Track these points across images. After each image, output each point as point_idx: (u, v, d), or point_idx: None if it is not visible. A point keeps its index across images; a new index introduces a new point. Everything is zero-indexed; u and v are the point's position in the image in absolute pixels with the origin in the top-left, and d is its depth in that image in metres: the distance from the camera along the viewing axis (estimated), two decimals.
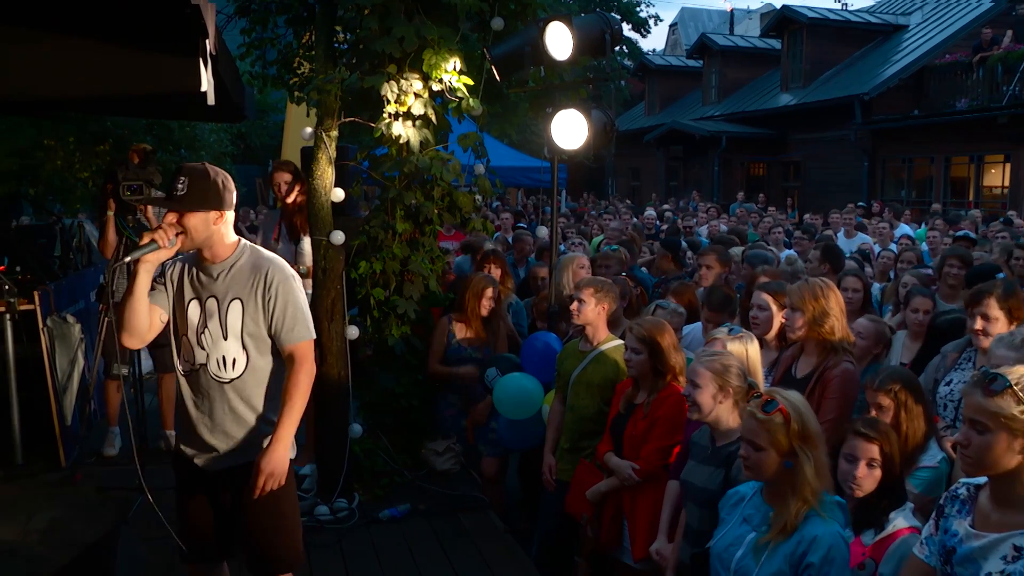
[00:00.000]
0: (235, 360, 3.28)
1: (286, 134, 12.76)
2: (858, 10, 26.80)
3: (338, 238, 5.55)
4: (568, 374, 4.90)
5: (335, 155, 5.61)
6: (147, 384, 6.79)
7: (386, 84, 5.44)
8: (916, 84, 20.38)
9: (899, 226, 12.09)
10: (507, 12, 6.08)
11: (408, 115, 5.59)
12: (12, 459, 6.04)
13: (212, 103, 4.60)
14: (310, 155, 5.68)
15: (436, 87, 5.61)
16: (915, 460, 3.55)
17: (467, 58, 5.82)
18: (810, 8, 23.91)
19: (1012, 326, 4.05)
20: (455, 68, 5.58)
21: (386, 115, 5.58)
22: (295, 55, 7.21)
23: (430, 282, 6.00)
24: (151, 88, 5.02)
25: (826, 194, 20.57)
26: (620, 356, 4.63)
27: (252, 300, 3.27)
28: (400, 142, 5.65)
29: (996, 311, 4.11)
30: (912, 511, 3.12)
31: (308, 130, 5.64)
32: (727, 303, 5.27)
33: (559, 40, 5.55)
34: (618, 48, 23.78)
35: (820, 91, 22.35)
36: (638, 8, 31.72)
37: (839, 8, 29.05)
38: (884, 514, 3.07)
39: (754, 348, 4.03)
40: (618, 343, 4.81)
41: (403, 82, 5.50)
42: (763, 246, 8.28)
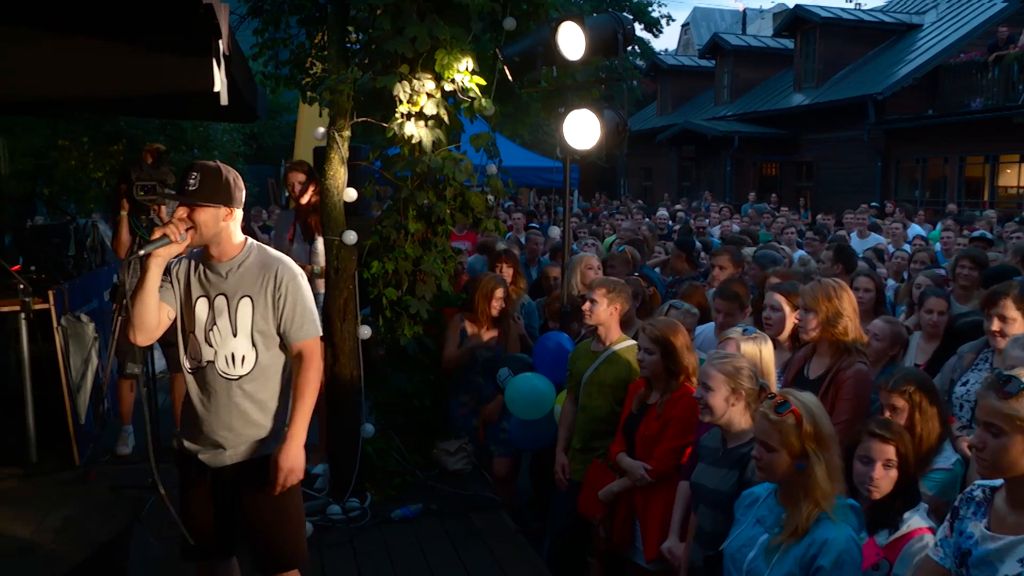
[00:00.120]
0: (244, 357, 3.31)
1: (298, 134, 12.80)
2: (872, 9, 26.67)
3: (350, 238, 5.56)
4: (580, 374, 4.89)
5: (347, 155, 5.62)
6: (160, 383, 6.82)
7: (398, 84, 5.45)
8: (930, 84, 20.24)
9: (911, 226, 12.01)
10: (519, 12, 6.09)
11: (420, 115, 5.59)
12: (27, 457, 6.09)
13: (225, 103, 4.62)
14: (322, 155, 5.69)
15: (448, 87, 5.62)
16: (929, 462, 3.52)
17: (479, 58, 5.82)
18: (823, 7, 23.79)
19: None
20: (467, 68, 5.59)
21: (398, 115, 5.58)
22: (307, 55, 7.22)
23: (442, 282, 6.00)
24: (165, 88, 5.04)
25: (839, 194, 20.47)
26: (632, 356, 4.62)
27: (262, 298, 3.30)
28: (412, 142, 5.65)
29: (1013, 312, 4.09)
30: (926, 512, 3.11)
31: (320, 130, 5.66)
32: (738, 295, 5.24)
33: (571, 40, 5.54)
34: (630, 48, 23.72)
35: (833, 91, 22.22)
36: (650, 8, 31.65)
37: (852, 7, 28.92)
38: (898, 514, 3.05)
39: (768, 349, 4.01)
40: (630, 343, 4.80)
41: (415, 82, 5.50)
42: (775, 246, 8.25)
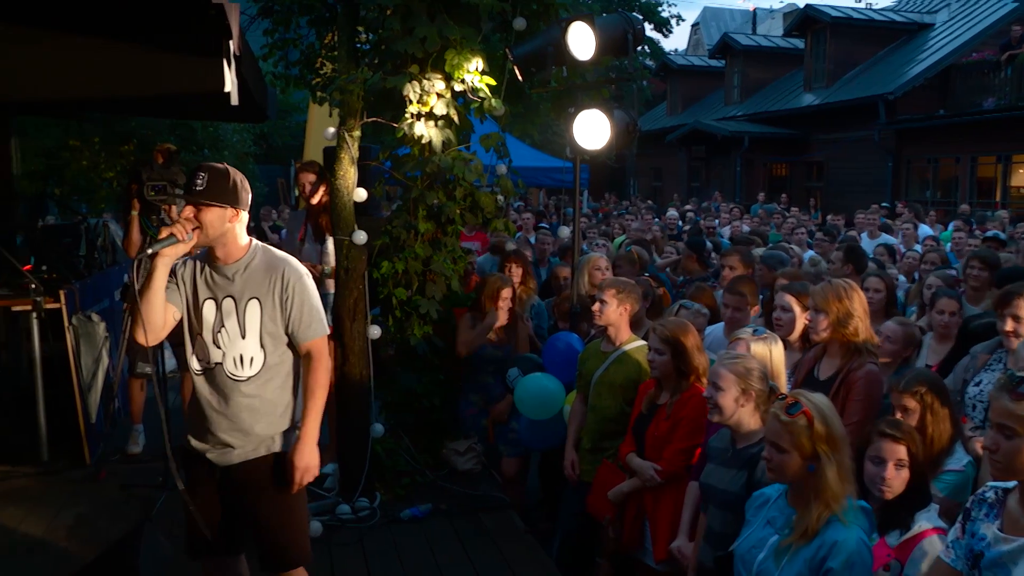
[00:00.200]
0: (252, 358, 3.34)
1: (308, 134, 12.82)
2: (883, 9, 26.55)
3: (360, 238, 5.57)
4: (590, 374, 4.89)
5: (357, 155, 5.62)
6: (171, 382, 6.84)
7: (408, 84, 5.44)
8: (942, 83, 20.15)
9: (919, 227, 11.96)
10: (529, 12, 6.07)
11: (430, 115, 5.59)
12: (38, 456, 6.11)
13: (236, 103, 4.63)
14: (333, 155, 5.70)
15: (458, 87, 5.61)
16: (940, 463, 3.51)
17: (489, 58, 5.82)
18: (834, 7, 23.72)
19: None
20: (477, 68, 5.58)
21: (408, 115, 5.58)
22: (317, 55, 7.24)
23: (452, 282, 6.00)
24: (175, 88, 5.06)
25: (849, 195, 20.40)
26: (642, 357, 4.62)
27: (270, 299, 3.32)
28: (422, 142, 5.65)
29: None
30: (937, 512, 3.09)
31: (331, 130, 5.66)
32: (746, 291, 5.21)
33: (581, 40, 5.53)
34: (640, 48, 23.69)
35: (843, 91, 22.16)
36: (660, 8, 31.60)
37: (863, 7, 28.81)
38: (909, 515, 3.04)
39: (778, 349, 4.00)
40: (640, 344, 4.80)
41: (425, 82, 5.50)
42: (784, 247, 8.23)
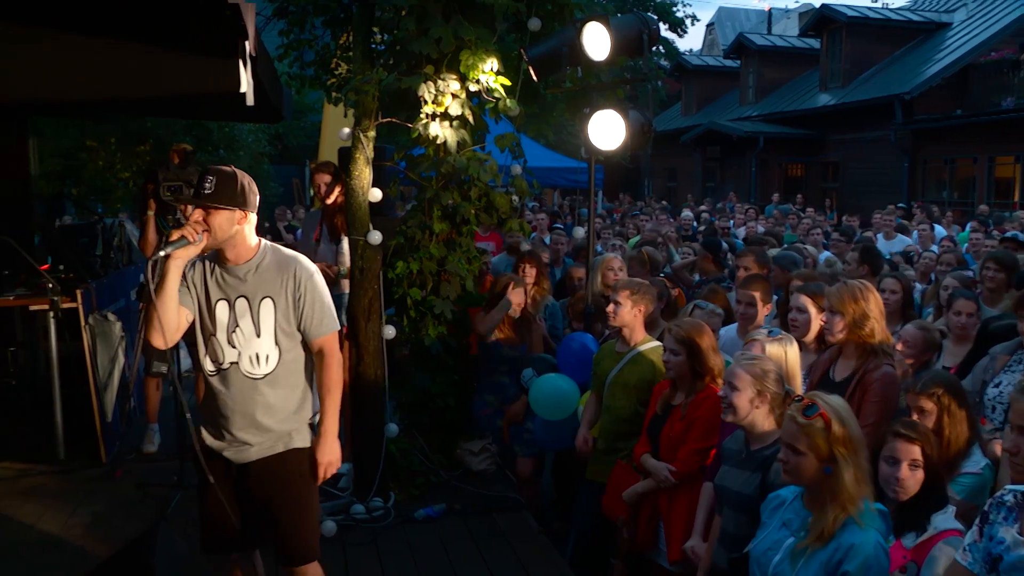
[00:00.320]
0: (268, 356, 3.39)
1: (323, 135, 12.85)
2: (899, 8, 26.39)
3: (375, 238, 5.58)
4: (605, 375, 4.88)
5: (372, 155, 5.63)
6: (186, 381, 6.87)
7: (423, 85, 5.45)
8: (959, 83, 20.00)
9: (934, 228, 11.88)
10: (544, 12, 6.07)
11: (445, 115, 5.59)
12: (54, 454, 6.16)
13: (251, 104, 4.64)
14: (348, 156, 5.71)
15: (473, 88, 5.61)
16: (957, 466, 3.48)
17: (504, 59, 5.82)
18: (849, 7, 23.57)
19: None
20: (492, 69, 5.58)
21: (423, 115, 5.59)
22: (333, 56, 7.27)
23: (467, 282, 6.00)
24: (191, 89, 5.09)
25: (865, 195, 20.29)
26: (657, 357, 4.61)
27: (283, 298, 3.37)
28: (437, 142, 5.66)
29: None
30: (954, 514, 3.07)
31: (346, 131, 5.68)
32: (759, 287, 5.19)
33: (596, 40, 5.52)
34: (655, 48, 23.62)
35: (860, 91, 22.03)
36: (675, 8, 31.45)
37: (879, 7, 28.65)
38: (925, 517, 3.02)
39: (793, 351, 3.99)
40: (655, 344, 4.79)
41: (440, 83, 5.50)
42: (799, 247, 8.19)
